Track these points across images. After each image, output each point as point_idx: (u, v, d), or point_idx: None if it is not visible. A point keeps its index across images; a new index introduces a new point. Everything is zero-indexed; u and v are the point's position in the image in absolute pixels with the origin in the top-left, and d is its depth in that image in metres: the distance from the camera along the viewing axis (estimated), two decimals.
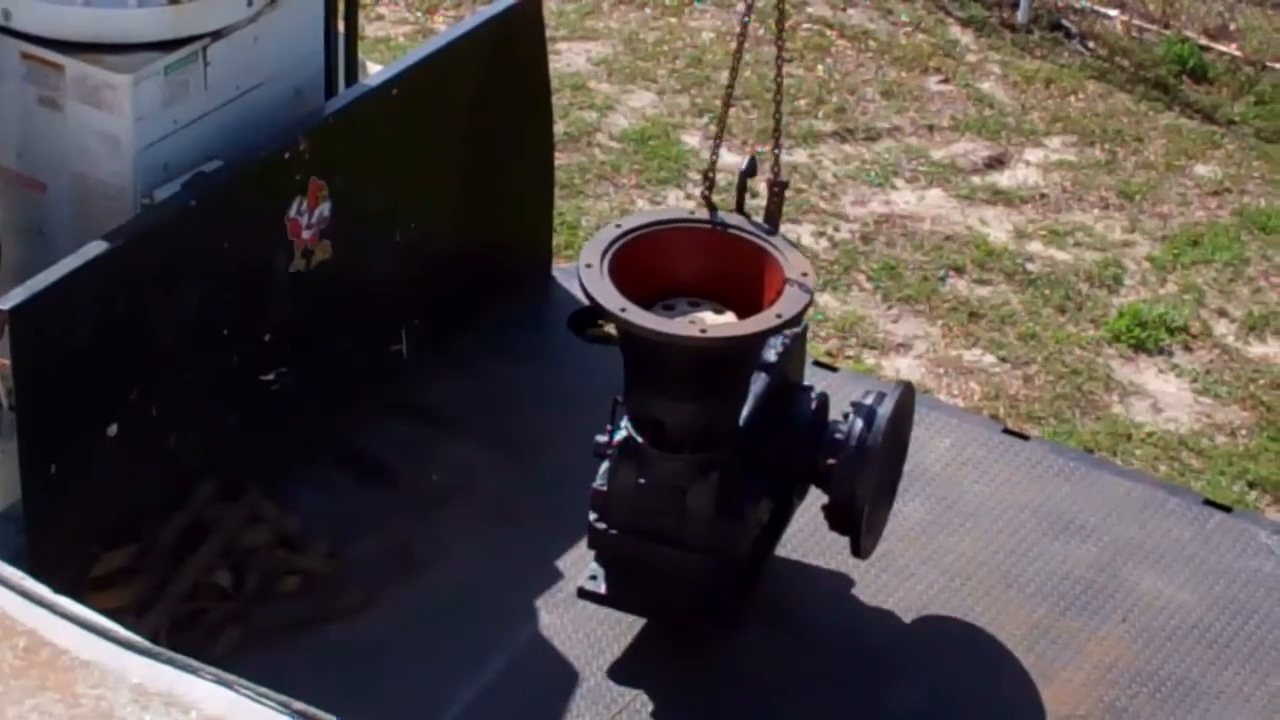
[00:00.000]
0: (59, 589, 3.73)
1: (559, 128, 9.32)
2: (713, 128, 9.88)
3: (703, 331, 5.40)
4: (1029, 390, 8.41)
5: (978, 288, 8.97)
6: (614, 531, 5.61)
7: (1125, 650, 5.82)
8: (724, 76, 10.22)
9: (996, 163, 9.85)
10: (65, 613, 3.66)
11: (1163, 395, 8.44)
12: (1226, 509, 6.42)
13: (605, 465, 5.63)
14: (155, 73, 5.80)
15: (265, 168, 5.97)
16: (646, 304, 5.43)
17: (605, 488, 5.61)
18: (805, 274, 5.49)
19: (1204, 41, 10.73)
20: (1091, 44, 10.79)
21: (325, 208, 6.13)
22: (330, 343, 6.28)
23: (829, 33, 10.66)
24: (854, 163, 9.73)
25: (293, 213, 6.05)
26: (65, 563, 5.43)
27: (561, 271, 7.27)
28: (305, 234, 6.10)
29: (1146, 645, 5.84)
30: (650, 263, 5.55)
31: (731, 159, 9.68)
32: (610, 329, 6.99)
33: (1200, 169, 9.90)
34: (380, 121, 6.29)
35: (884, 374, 8.30)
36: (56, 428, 5.50)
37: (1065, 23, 10.87)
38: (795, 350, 5.89)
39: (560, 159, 9.13)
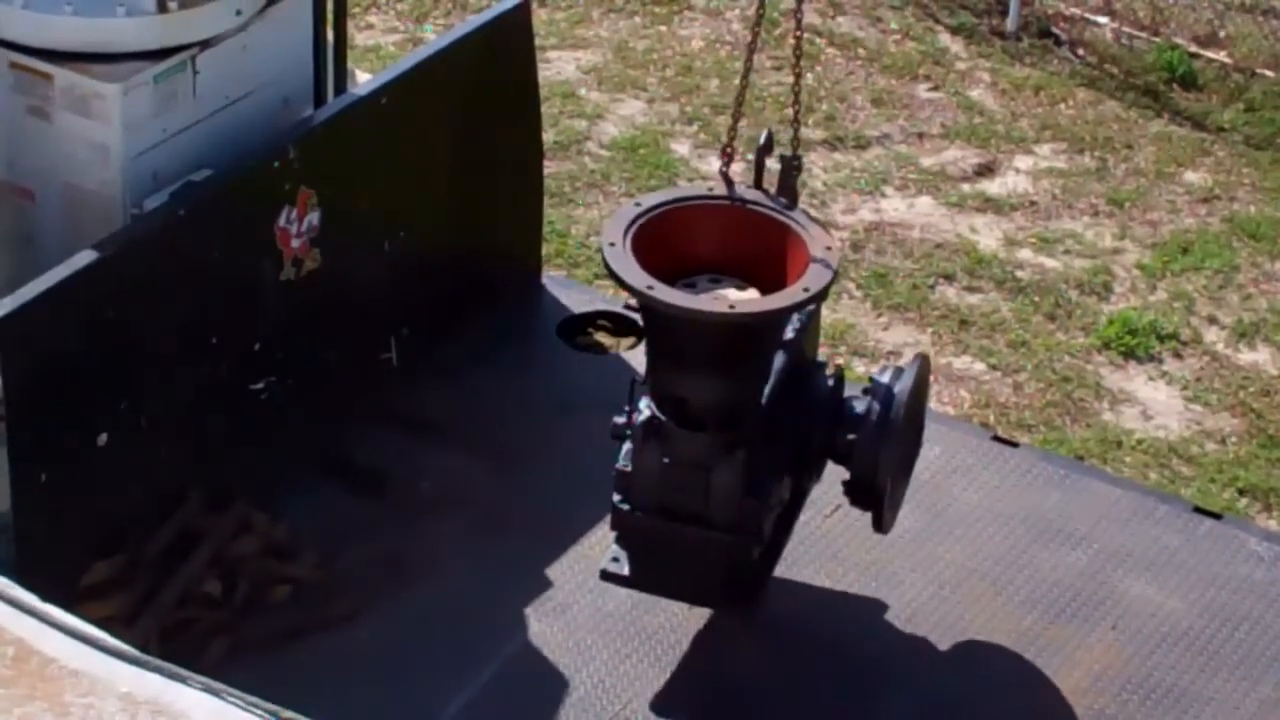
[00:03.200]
0: (48, 598, 3.73)
1: (549, 136, 9.32)
2: (703, 135, 9.94)
3: (731, 307, 5.37)
4: (1019, 398, 8.41)
5: (967, 295, 8.97)
6: (637, 512, 5.56)
7: (1115, 658, 5.82)
8: (713, 84, 10.27)
9: (986, 170, 9.86)
10: (54, 621, 3.66)
11: (1153, 402, 8.45)
12: (1216, 516, 6.43)
13: (626, 446, 5.58)
14: (144, 82, 5.80)
15: (254, 177, 5.97)
16: (668, 281, 5.39)
17: (628, 468, 5.56)
18: (829, 248, 5.46)
19: (1193, 49, 10.74)
20: (1081, 51, 10.80)
21: (314, 216, 6.13)
22: (320, 352, 6.28)
23: (818, 40, 10.67)
24: (844, 170, 9.74)
25: (282, 222, 6.05)
26: (55, 572, 5.42)
27: (551, 279, 7.27)
28: (295, 243, 6.10)
29: (1137, 652, 5.85)
30: (671, 240, 5.51)
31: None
32: (600, 337, 7.01)
33: (1190, 176, 9.91)
34: (369, 130, 6.29)
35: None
36: (46, 437, 5.49)
37: (1055, 30, 10.88)
38: (810, 327, 5.86)
39: (550, 167, 9.13)
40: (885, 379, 5.70)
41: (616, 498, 5.59)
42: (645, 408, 5.56)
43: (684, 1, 10.93)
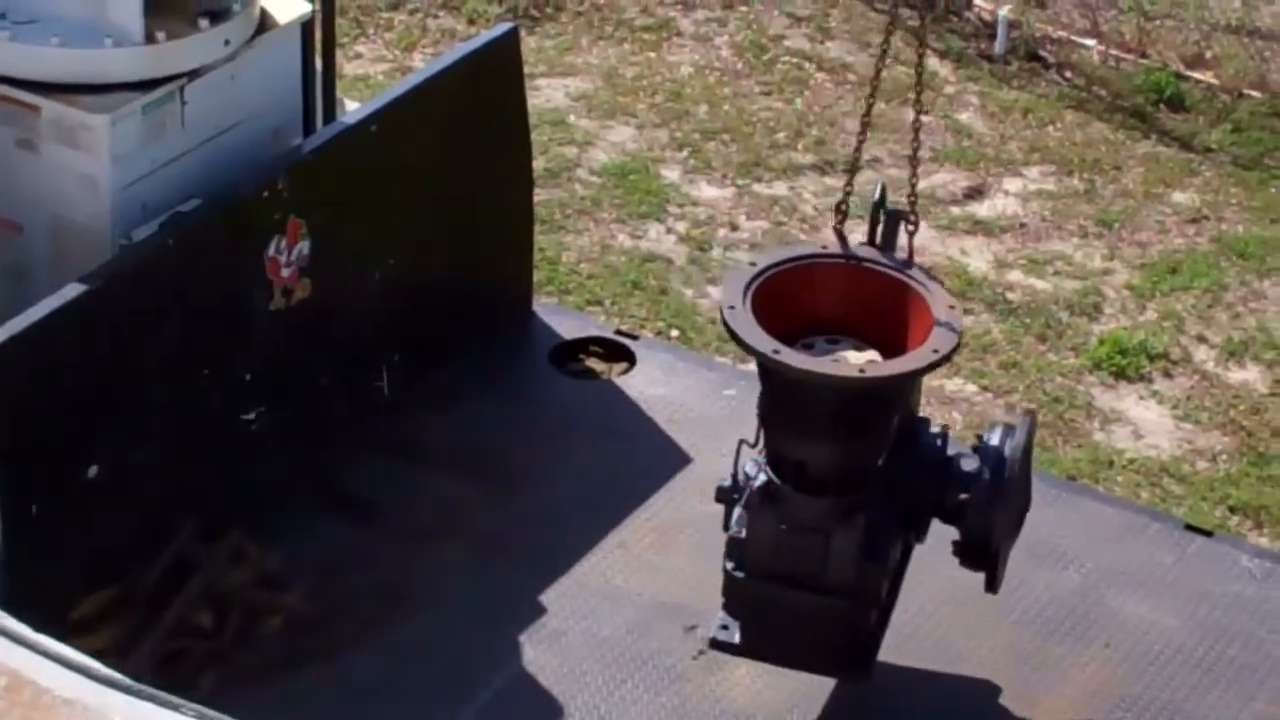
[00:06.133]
0: (40, 630, 3.73)
1: (539, 163, 9.34)
2: (693, 160, 9.95)
3: (861, 371, 5.27)
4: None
5: None
6: (752, 578, 5.44)
7: (1109, 675, 5.82)
8: (703, 110, 10.29)
9: (975, 193, 9.88)
10: (46, 651, 3.65)
11: (1143, 422, 8.46)
12: (1208, 534, 6.43)
13: (737, 511, 5.45)
14: (132, 113, 5.81)
15: (244, 207, 5.98)
16: (784, 343, 5.27)
17: (741, 533, 5.43)
18: (952, 306, 5.37)
19: (1181, 70, 10.77)
20: (1069, 74, 10.83)
21: (304, 246, 6.13)
22: (311, 380, 6.28)
23: (807, 65, 10.70)
24: (835, 195, 9.71)
25: (272, 251, 6.05)
26: (46, 605, 5.41)
27: (543, 306, 7.28)
28: (285, 272, 6.11)
29: (1130, 670, 5.85)
30: (789, 300, 5.39)
31: (711, 191, 9.71)
32: (592, 363, 7.01)
33: (1178, 196, 9.93)
34: (359, 159, 6.30)
35: None
36: (37, 469, 5.49)
37: (1042, 53, 10.91)
38: (916, 383, 5.69)
39: (540, 194, 9.14)
40: (995, 437, 5.55)
41: (729, 564, 5.45)
42: (756, 470, 5.43)
43: (673, 28, 10.95)
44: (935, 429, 5.61)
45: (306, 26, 6.32)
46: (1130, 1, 11.11)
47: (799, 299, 5.43)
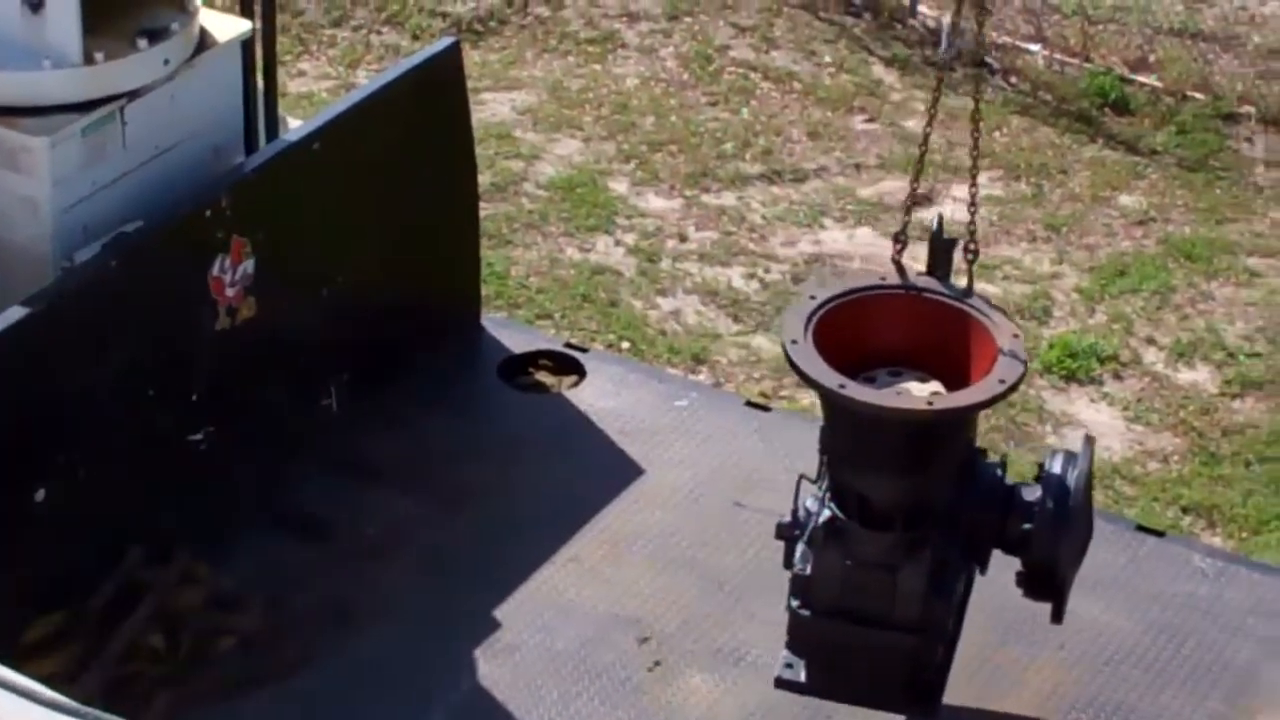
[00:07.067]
0: None
1: (486, 178, 9.32)
2: (640, 172, 9.94)
3: (929, 404, 5.22)
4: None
5: None
6: (817, 616, 5.38)
7: (1064, 677, 5.82)
8: (649, 122, 10.28)
9: (924, 199, 9.89)
10: None
11: (1095, 424, 8.47)
12: (1160, 534, 6.45)
13: (800, 548, 5.39)
14: (72, 135, 5.78)
15: (186, 226, 5.95)
16: (846, 377, 5.21)
17: (805, 570, 5.36)
18: (1016, 335, 5.31)
19: (1125, 74, 10.81)
20: (1014, 79, 10.86)
21: (249, 265, 6.10)
22: (259, 400, 6.25)
23: (753, 75, 10.71)
24: (782, 204, 9.76)
25: (216, 271, 6.03)
26: None
27: (491, 321, 7.26)
28: (229, 292, 6.08)
29: (1084, 672, 5.85)
30: (850, 333, 5.33)
31: (659, 203, 9.70)
32: (542, 377, 7.00)
33: (1125, 199, 9.97)
34: (302, 176, 6.27)
35: (818, 412, 8.29)
36: None
37: (988, 59, 10.94)
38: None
39: (488, 209, 9.12)
40: (1057, 466, 5.46)
41: (794, 603, 5.41)
42: (818, 506, 5.38)
43: (617, 40, 10.95)
44: (994, 458, 5.57)
45: (247, 45, 6.29)
46: (1074, 6, 11.15)
47: (860, 331, 5.35)
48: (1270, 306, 9.21)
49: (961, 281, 5.52)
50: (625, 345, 8.71)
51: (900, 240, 5.49)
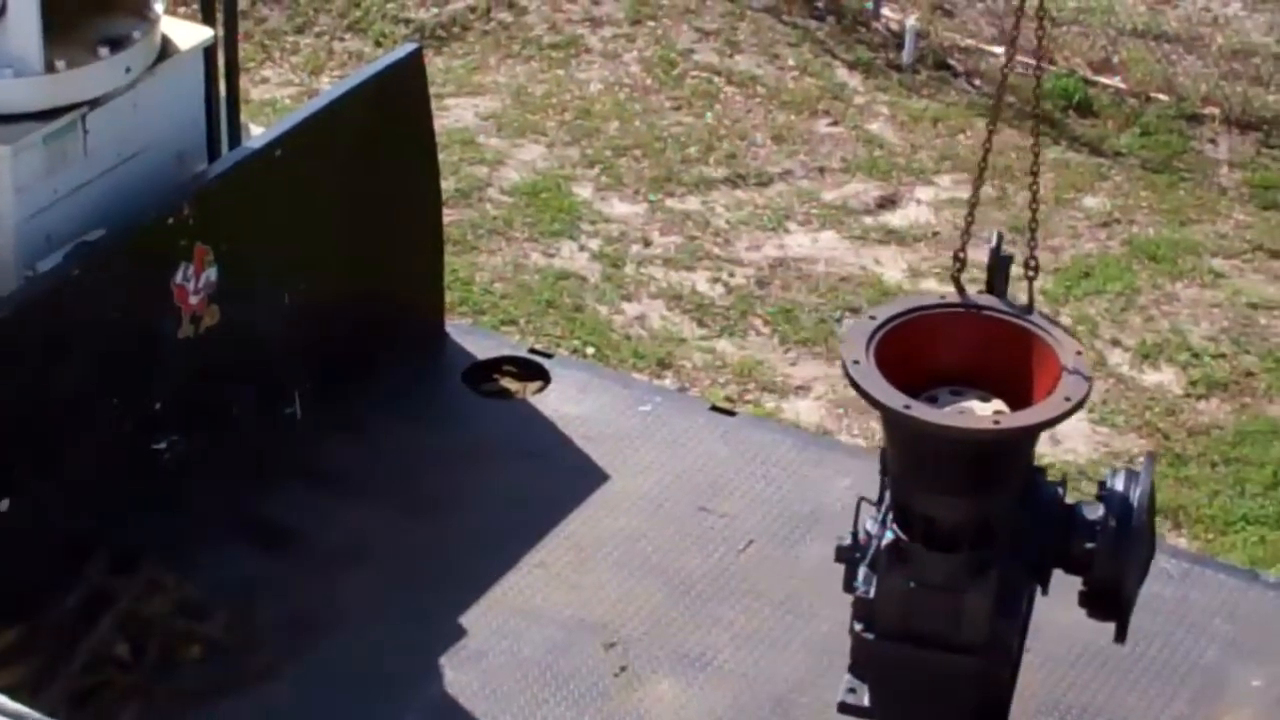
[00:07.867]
0: None
1: (450, 184, 9.31)
2: (605, 178, 9.94)
3: (996, 423, 5.15)
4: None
5: None
6: (881, 639, 5.30)
7: (1030, 679, 5.81)
8: (613, 127, 10.28)
9: (888, 203, 9.91)
10: None
11: (1060, 426, 8.47)
12: None
13: (863, 570, 5.33)
14: (34, 143, 5.76)
15: (149, 234, 5.94)
16: (909, 396, 5.15)
17: (869, 594, 5.29)
18: (1079, 353, 5.27)
19: (1088, 75, 10.84)
20: (977, 81, 10.88)
21: (212, 272, 6.09)
22: (223, 408, 6.23)
23: (716, 79, 10.70)
24: (747, 208, 9.76)
25: (179, 278, 6.01)
26: None
27: (455, 327, 7.25)
28: (192, 299, 6.07)
29: (1051, 673, 5.86)
30: (911, 352, 5.27)
31: (623, 208, 9.70)
32: (506, 383, 6.99)
33: (1089, 201, 9.98)
34: (264, 183, 6.26)
35: (784, 417, 8.31)
36: None
37: (950, 62, 10.96)
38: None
39: (452, 215, 9.12)
40: (1119, 483, 5.42)
41: (858, 626, 5.35)
42: (879, 528, 5.32)
43: (581, 45, 10.95)
44: (1053, 477, 5.53)
45: (209, 52, 6.29)
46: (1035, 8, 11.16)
47: (921, 351, 5.30)
48: (1234, 307, 9.24)
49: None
50: (590, 350, 8.70)
51: (959, 259, 5.45)
